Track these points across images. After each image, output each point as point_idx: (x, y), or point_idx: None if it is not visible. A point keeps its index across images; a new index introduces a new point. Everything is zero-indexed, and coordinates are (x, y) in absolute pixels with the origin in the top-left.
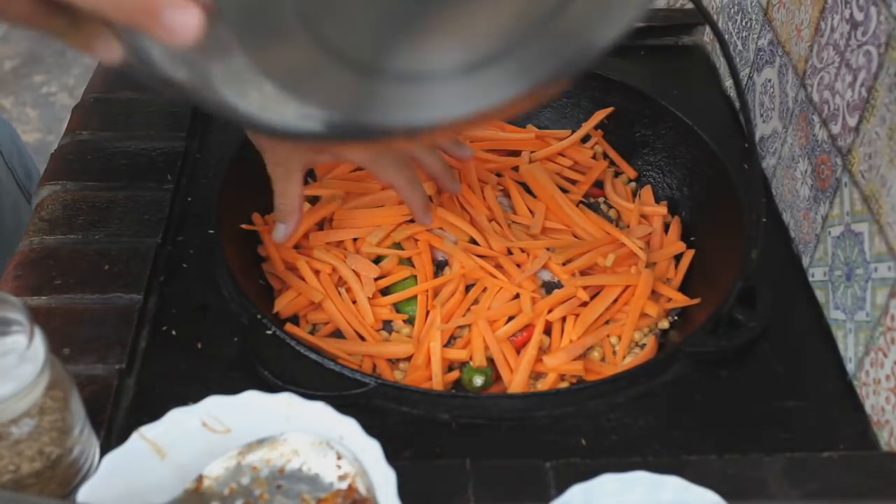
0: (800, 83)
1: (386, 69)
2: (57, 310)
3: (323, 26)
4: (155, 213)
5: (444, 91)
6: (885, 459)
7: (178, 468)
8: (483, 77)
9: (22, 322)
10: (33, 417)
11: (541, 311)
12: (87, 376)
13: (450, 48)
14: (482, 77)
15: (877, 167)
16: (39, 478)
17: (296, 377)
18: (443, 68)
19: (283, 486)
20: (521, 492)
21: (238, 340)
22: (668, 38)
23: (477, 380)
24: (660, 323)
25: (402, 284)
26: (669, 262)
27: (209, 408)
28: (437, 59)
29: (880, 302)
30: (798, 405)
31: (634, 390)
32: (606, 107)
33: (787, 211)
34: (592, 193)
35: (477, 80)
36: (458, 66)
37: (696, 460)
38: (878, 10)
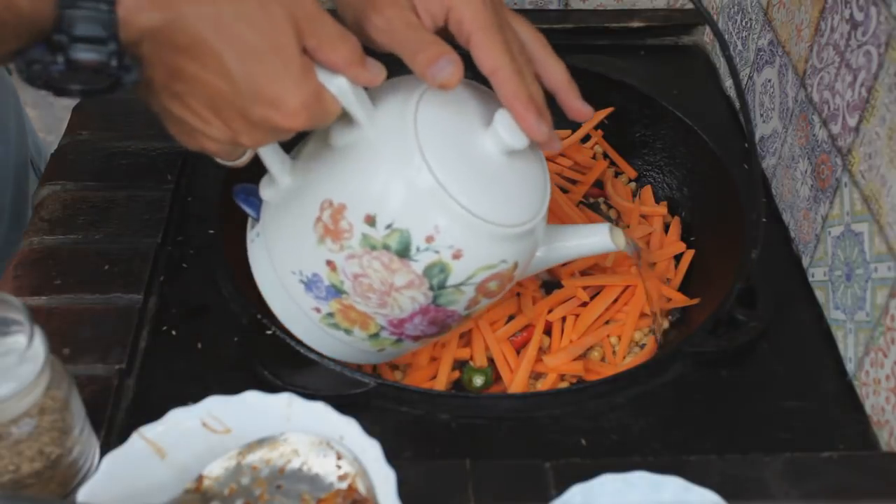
0: (800, 83)
1: None
2: (57, 310)
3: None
4: (155, 213)
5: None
6: (885, 459)
7: (178, 468)
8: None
9: (22, 322)
10: (33, 417)
11: (541, 311)
12: (87, 376)
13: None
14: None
15: (877, 167)
16: (39, 478)
17: (296, 377)
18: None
19: (283, 486)
20: (521, 492)
21: (238, 340)
22: (668, 38)
23: (477, 380)
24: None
25: None
26: (669, 262)
27: (209, 408)
28: None
29: (880, 302)
30: (798, 405)
31: (634, 390)
32: (606, 107)
33: (787, 211)
34: (592, 193)
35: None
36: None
37: (696, 460)
38: (878, 10)
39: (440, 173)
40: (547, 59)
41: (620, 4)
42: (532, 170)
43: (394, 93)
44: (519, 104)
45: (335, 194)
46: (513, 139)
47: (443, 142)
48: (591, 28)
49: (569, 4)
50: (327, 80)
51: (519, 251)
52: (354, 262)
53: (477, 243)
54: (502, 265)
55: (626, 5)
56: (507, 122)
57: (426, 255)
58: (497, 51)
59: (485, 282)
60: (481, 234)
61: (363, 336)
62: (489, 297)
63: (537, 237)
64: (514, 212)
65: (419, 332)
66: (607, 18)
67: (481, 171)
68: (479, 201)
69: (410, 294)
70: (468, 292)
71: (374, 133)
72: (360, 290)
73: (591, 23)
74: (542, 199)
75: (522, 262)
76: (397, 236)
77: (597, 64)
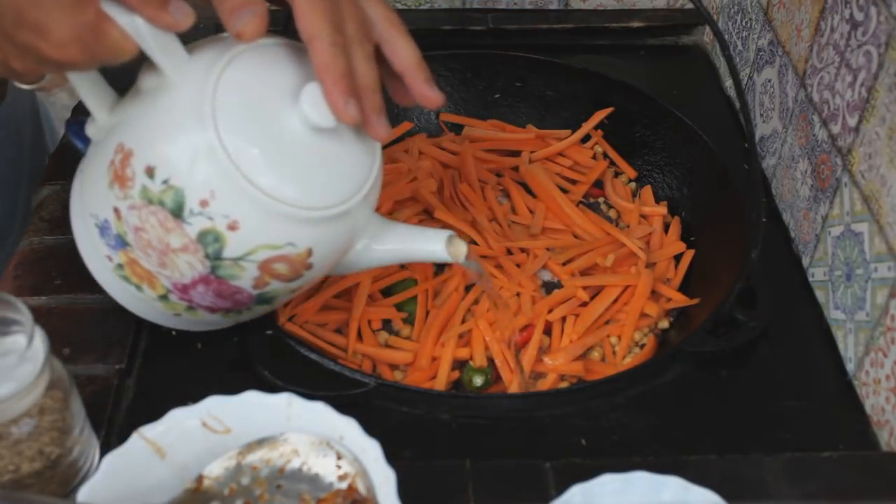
0: (800, 83)
1: None
2: (57, 310)
3: None
4: None
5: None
6: (885, 459)
7: (178, 468)
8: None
9: (22, 322)
10: (33, 417)
11: (541, 311)
12: (87, 376)
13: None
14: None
15: (877, 167)
16: (39, 478)
17: (296, 377)
18: None
19: (283, 486)
20: (521, 492)
21: (238, 340)
22: (668, 38)
23: (477, 380)
24: (660, 323)
25: (403, 285)
26: (669, 262)
27: (209, 408)
28: None
29: (880, 302)
30: (798, 405)
31: (634, 390)
32: (606, 107)
33: (787, 211)
34: (592, 193)
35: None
36: None
37: (696, 460)
38: (878, 10)
39: (226, 136)
40: (396, 38)
41: (620, 4)
42: (347, 154)
43: (214, 46)
44: (328, 79)
45: (127, 138)
46: (317, 116)
47: (242, 104)
48: (591, 28)
49: (569, 4)
50: (119, 17)
51: (314, 237)
52: (135, 213)
53: (256, 218)
54: (289, 248)
55: (626, 5)
56: (314, 96)
57: (199, 220)
58: (317, 18)
59: (269, 262)
60: (262, 209)
61: (153, 296)
62: (282, 280)
63: (349, 228)
64: (309, 194)
65: (209, 302)
66: (607, 18)
67: (278, 144)
68: (265, 174)
69: (187, 259)
70: (250, 269)
71: (176, 82)
72: (140, 244)
73: (591, 23)
74: (357, 187)
75: (323, 251)
76: (172, 194)
77: (597, 64)
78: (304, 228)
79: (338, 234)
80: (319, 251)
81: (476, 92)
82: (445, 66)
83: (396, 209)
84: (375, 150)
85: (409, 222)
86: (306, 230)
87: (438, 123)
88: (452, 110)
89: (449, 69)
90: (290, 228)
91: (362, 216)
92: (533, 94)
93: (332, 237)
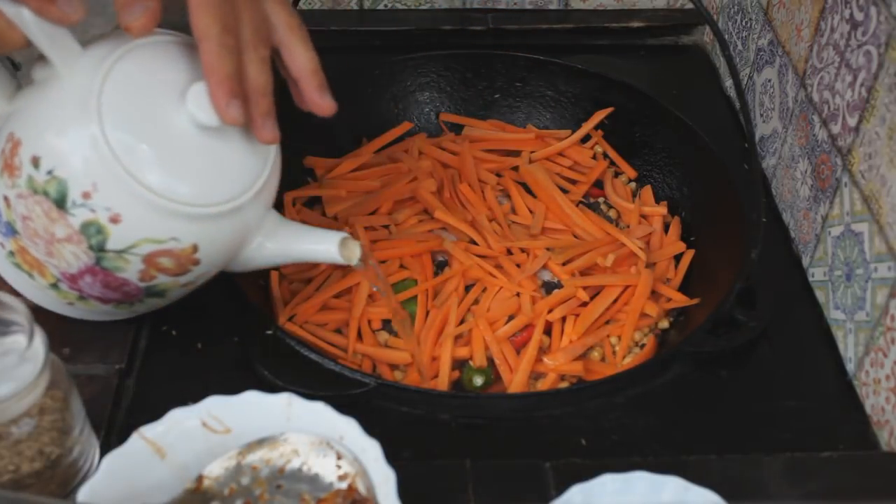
0: (800, 83)
1: None
2: None
3: None
4: None
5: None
6: (885, 459)
7: (178, 468)
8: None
9: (22, 322)
10: (33, 417)
11: (541, 311)
12: (87, 376)
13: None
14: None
15: (877, 167)
16: (39, 478)
17: (296, 377)
18: None
19: (283, 486)
20: (521, 492)
21: (238, 340)
22: (668, 38)
23: (477, 380)
24: (660, 323)
25: (403, 285)
26: (669, 262)
27: (209, 408)
28: None
29: (880, 302)
30: (798, 405)
31: (634, 390)
32: (606, 107)
33: (787, 211)
34: (592, 193)
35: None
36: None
37: (696, 460)
38: (878, 10)
39: (110, 130)
40: (294, 44)
41: (620, 4)
42: (236, 153)
43: (109, 41)
44: (213, 79)
45: (17, 128)
46: (202, 115)
47: (130, 99)
48: (591, 28)
49: (569, 4)
50: (5, 7)
51: (200, 233)
52: (22, 202)
53: (139, 212)
54: (173, 243)
55: (626, 5)
56: (199, 95)
57: (82, 212)
58: (208, 19)
59: (153, 256)
60: (144, 203)
61: (44, 284)
62: (168, 274)
63: (239, 225)
64: (194, 191)
65: (98, 293)
66: (607, 18)
67: (164, 140)
68: (148, 169)
69: (72, 249)
70: (134, 262)
71: (65, 74)
72: (28, 233)
73: (591, 23)
74: (245, 186)
75: (211, 248)
76: (55, 185)
77: (597, 64)
78: (189, 224)
79: (226, 231)
80: (206, 247)
81: (476, 92)
82: (445, 66)
83: (396, 209)
84: (268, 151)
85: (408, 222)
86: (191, 226)
87: (438, 123)
88: (452, 110)
89: (449, 69)
90: (173, 224)
91: (254, 214)
92: (533, 94)
93: (219, 234)
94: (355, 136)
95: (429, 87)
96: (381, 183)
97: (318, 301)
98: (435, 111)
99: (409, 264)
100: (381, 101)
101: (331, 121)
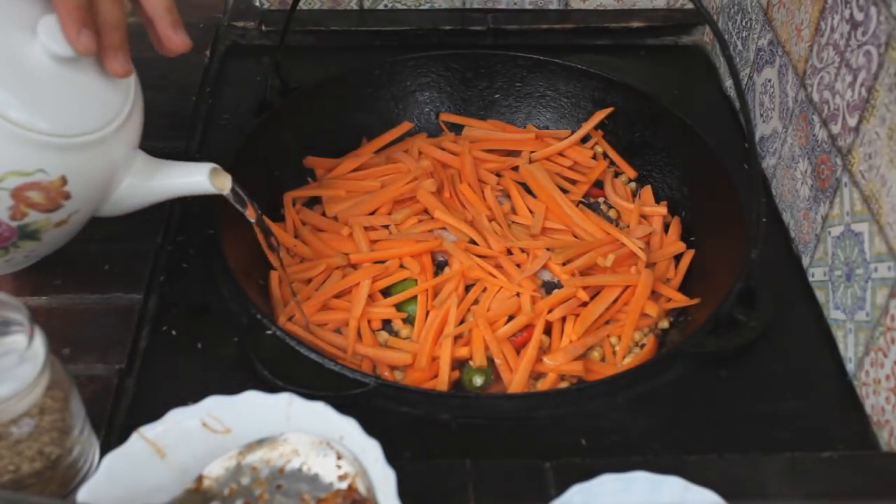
0: (800, 83)
1: None
2: (57, 310)
3: None
4: (155, 213)
5: None
6: (885, 459)
7: (178, 468)
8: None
9: (22, 322)
10: (33, 417)
11: (541, 311)
12: (87, 376)
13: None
14: None
15: (877, 167)
16: (39, 478)
17: (296, 377)
18: None
19: (283, 486)
20: (521, 492)
21: (238, 340)
22: (668, 38)
23: (477, 380)
24: (660, 323)
25: (403, 285)
26: (669, 262)
27: (209, 408)
28: None
29: (880, 302)
30: (798, 405)
31: (634, 390)
32: (606, 107)
33: (787, 211)
34: (592, 193)
35: None
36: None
37: (696, 460)
38: (878, 10)
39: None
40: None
41: (620, 4)
42: (95, 85)
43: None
44: (63, 9)
45: None
46: (54, 45)
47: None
48: (591, 28)
49: (569, 4)
50: None
51: (67, 165)
52: None
53: (2, 146)
54: (41, 175)
55: (626, 5)
56: (50, 26)
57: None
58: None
59: (21, 190)
60: (6, 135)
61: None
62: (40, 210)
63: (106, 160)
64: (55, 121)
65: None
66: (607, 18)
67: (21, 72)
68: (8, 101)
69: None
70: (3, 198)
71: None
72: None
73: (591, 23)
74: (108, 119)
75: (80, 181)
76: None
77: (597, 64)
78: (54, 155)
79: (93, 164)
80: (75, 180)
81: (476, 92)
82: (445, 66)
83: (396, 209)
84: (129, 87)
85: (408, 222)
86: (56, 157)
87: (438, 123)
88: (452, 110)
89: (449, 69)
90: (38, 155)
91: (120, 151)
92: (533, 94)
93: (86, 167)
94: (355, 136)
95: (429, 87)
96: (380, 183)
97: (319, 301)
98: (435, 111)
99: (409, 264)
100: (381, 101)
101: (331, 121)
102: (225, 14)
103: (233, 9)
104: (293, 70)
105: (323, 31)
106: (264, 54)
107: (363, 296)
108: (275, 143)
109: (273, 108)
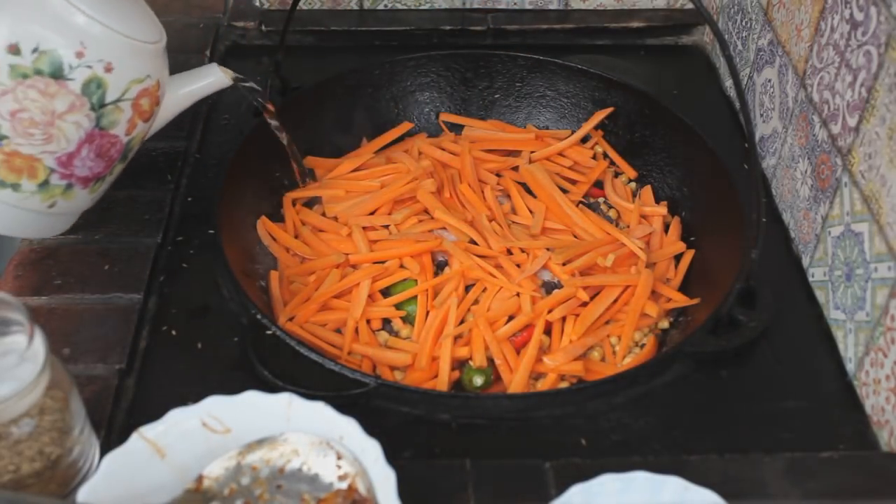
0: (800, 83)
1: None
2: (57, 310)
3: None
4: (155, 213)
5: None
6: (885, 459)
7: (178, 468)
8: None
9: (22, 322)
10: (33, 417)
11: (541, 311)
12: (87, 376)
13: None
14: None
15: (877, 167)
16: (39, 478)
17: (296, 377)
18: None
19: (283, 486)
20: (521, 492)
21: (238, 340)
22: (668, 38)
23: (477, 380)
24: (660, 323)
25: (403, 285)
26: (669, 262)
27: (209, 408)
28: None
29: (880, 302)
30: (798, 405)
31: (634, 390)
32: (606, 107)
33: (787, 211)
34: (592, 193)
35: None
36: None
37: (696, 460)
38: (878, 10)
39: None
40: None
41: (620, 4)
42: (144, 4)
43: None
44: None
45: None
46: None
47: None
48: (591, 28)
49: (569, 4)
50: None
51: (158, 68)
52: (9, 97)
53: (122, 56)
54: (149, 80)
55: (626, 5)
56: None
57: (81, 72)
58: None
59: (137, 98)
60: (123, 47)
61: (32, 188)
62: (144, 118)
63: (165, 66)
64: (143, 30)
65: (88, 169)
66: (607, 18)
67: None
68: (113, 16)
69: (74, 119)
70: (126, 110)
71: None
72: (20, 128)
73: (591, 23)
74: (161, 32)
75: (163, 83)
76: (47, 58)
77: (597, 64)
78: (153, 61)
79: (165, 68)
80: (162, 83)
81: (476, 92)
82: (445, 66)
83: (396, 209)
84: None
85: (408, 222)
86: (155, 62)
87: (438, 123)
88: (452, 110)
89: (449, 69)
90: (146, 62)
91: (166, 61)
92: (533, 94)
93: (164, 71)
94: (355, 136)
95: (429, 87)
96: (380, 183)
97: (319, 301)
98: (435, 111)
99: (409, 264)
100: (381, 101)
101: (331, 121)
102: (225, 14)
103: (233, 9)
104: (293, 70)
105: (323, 31)
106: (264, 54)
107: (363, 296)
108: (275, 143)
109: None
